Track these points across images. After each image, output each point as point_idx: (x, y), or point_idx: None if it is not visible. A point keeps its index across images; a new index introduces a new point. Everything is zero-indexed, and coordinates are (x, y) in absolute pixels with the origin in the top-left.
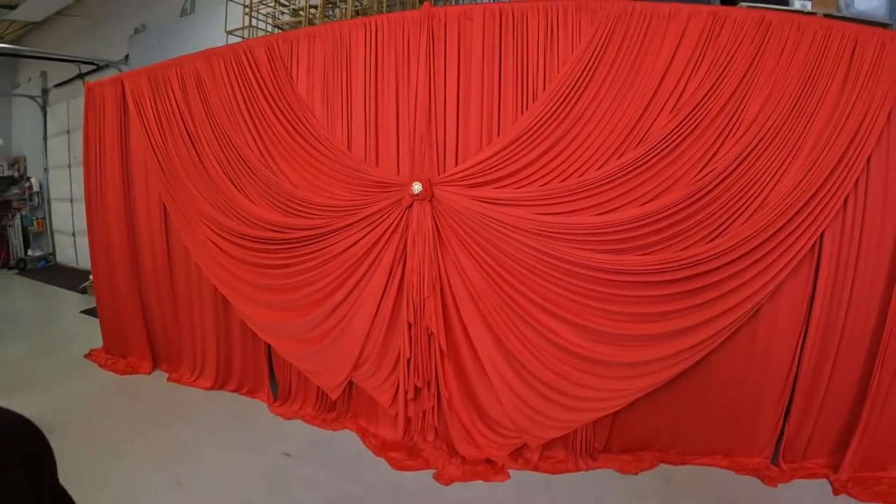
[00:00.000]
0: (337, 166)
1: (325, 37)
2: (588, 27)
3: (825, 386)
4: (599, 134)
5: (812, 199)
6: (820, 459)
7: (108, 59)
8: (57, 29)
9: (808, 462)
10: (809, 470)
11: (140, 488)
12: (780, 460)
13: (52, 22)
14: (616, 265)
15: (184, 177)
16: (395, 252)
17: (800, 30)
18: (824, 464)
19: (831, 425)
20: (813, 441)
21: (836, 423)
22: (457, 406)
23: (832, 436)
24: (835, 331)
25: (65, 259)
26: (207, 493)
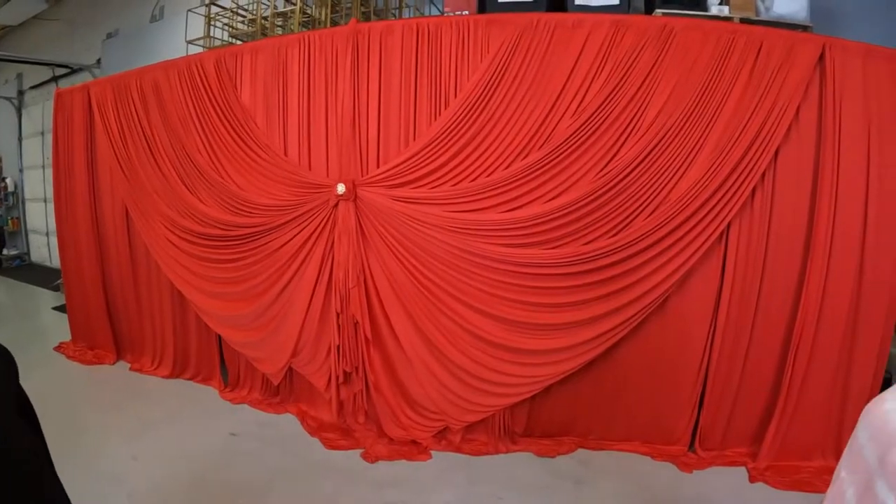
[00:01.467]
0: (275, 169)
1: (266, 51)
2: (496, 38)
3: (739, 375)
4: (506, 136)
5: (716, 193)
6: (740, 448)
7: (81, 63)
8: (35, 32)
9: (728, 450)
10: (729, 458)
11: (100, 461)
12: (698, 447)
13: (29, 25)
14: (523, 258)
15: (143, 180)
16: (324, 248)
17: (704, 34)
18: (745, 452)
19: (749, 414)
20: (731, 429)
21: (754, 411)
22: (384, 390)
23: (751, 424)
24: (746, 320)
25: (39, 258)
26: (161, 465)
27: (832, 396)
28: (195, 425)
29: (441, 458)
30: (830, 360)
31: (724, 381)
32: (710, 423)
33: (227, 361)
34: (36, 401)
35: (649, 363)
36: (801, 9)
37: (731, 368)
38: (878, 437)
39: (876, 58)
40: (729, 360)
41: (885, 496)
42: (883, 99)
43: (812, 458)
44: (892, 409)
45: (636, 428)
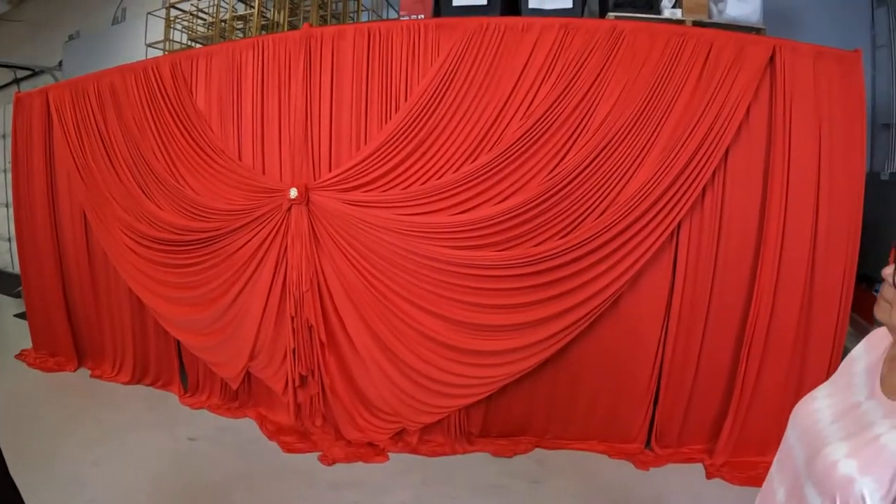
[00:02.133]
0: (230, 174)
1: (221, 55)
2: (446, 42)
3: (693, 372)
4: (456, 140)
5: (665, 194)
6: (697, 445)
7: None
8: None
9: (684, 447)
10: (686, 455)
11: (60, 467)
12: (654, 445)
13: None
14: (473, 260)
15: (101, 185)
16: (278, 252)
17: (653, 37)
18: (701, 449)
19: (704, 412)
20: (687, 427)
21: (708, 409)
22: (340, 393)
23: (706, 422)
24: (698, 319)
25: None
26: (121, 470)
27: (787, 391)
28: (155, 431)
29: (398, 460)
30: (784, 355)
31: (679, 378)
32: (665, 420)
33: (187, 367)
34: None
35: (604, 362)
36: (754, 11)
37: (685, 366)
38: (806, 437)
39: (827, 59)
40: (682, 358)
41: (812, 499)
42: (834, 99)
43: (767, 453)
44: (820, 409)
45: (592, 427)
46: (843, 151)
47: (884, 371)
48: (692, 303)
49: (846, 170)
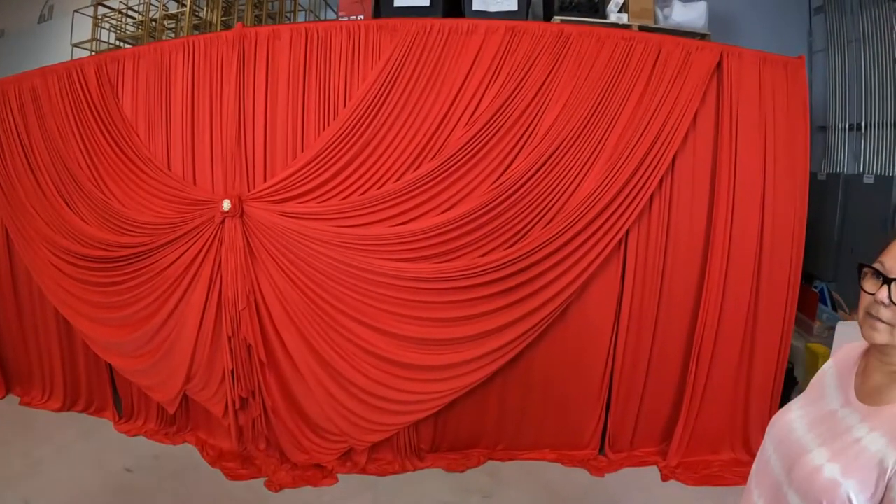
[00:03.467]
0: (158, 185)
1: (148, 56)
2: (388, 44)
3: (644, 376)
4: (397, 147)
5: (613, 202)
6: (650, 448)
7: None
8: None
9: (637, 451)
10: (639, 458)
11: None
12: (608, 450)
13: None
14: (416, 273)
15: (23, 197)
16: (211, 267)
17: (600, 41)
18: (654, 451)
19: (656, 414)
20: (640, 430)
21: (660, 412)
22: (282, 414)
23: (659, 424)
24: (647, 324)
25: None
26: None
27: (736, 390)
28: (89, 461)
29: (347, 481)
30: (733, 356)
31: (630, 383)
32: (618, 425)
33: (120, 391)
34: None
35: (555, 370)
36: (699, 17)
37: (636, 370)
38: (783, 447)
39: (772, 65)
40: (633, 363)
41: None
42: (777, 106)
43: (720, 451)
44: (795, 418)
45: (545, 435)
46: (787, 155)
47: (857, 382)
48: (641, 308)
49: (790, 172)
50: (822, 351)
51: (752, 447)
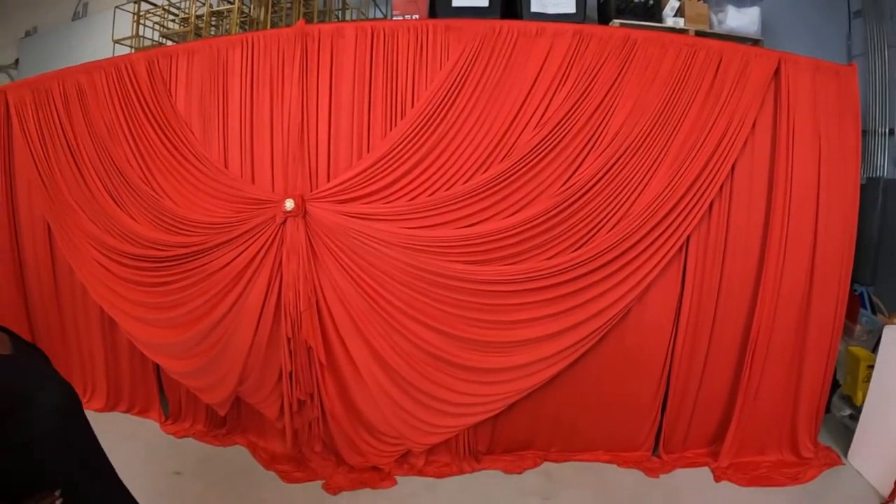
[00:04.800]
0: (214, 183)
1: (203, 52)
2: (456, 45)
3: (699, 379)
4: (466, 149)
5: (676, 207)
6: (701, 449)
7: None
8: None
9: (689, 452)
10: (690, 459)
11: None
12: (661, 452)
13: None
14: (482, 275)
15: (67, 194)
16: (271, 268)
17: (664, 47)
18: (705, 453)
19: (709, 415)
20: (692, 431)
21: (713, 413)
22: (340, 416)
23: (710, 425)
24: (704, 328)
25: None
26: None
27: (786, 393)
28: (134, 465)
29: (405, 483)
30: (784, 359)
31: (685, 385)
32: (672, 426)
33: (168, 392)
34: None
35: (613, 372)
36: (753, 22)
37: (691, 372)
38: None
39: (824, 73)
40: (689, 365)
41: None
42: (830, 113)
43: (767, 452)
44: None
45: (599, 436)
46: (839, 162)
47: None
48: (699, 312)
49: (842, 179)
50: (863, 354)
51: (799, 448)
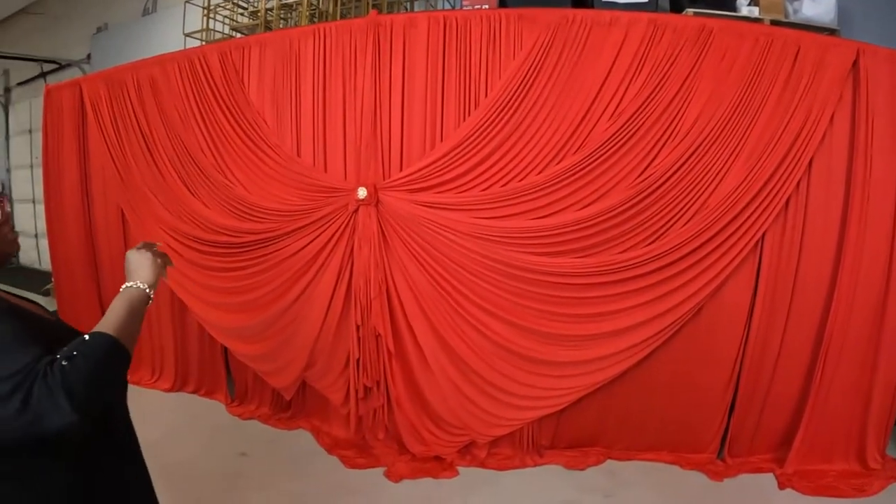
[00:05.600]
0: (286, 172)
1: (275, 44)
2: (529, 35)
3: (768, 382)
4: (540, 139)
5: (753, 202)
6: (766, 454)
7: (69, 59)
8: (19, 27)
9: (754, 457)
10: (755, 464)
11: None
12: (726, 455)
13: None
14: (554, 267)
15: (140, 182)
16: (342, 255)
17: (741, 37)
18: (770, 458)
19: (776, 420)
20: (758, 436)
21: (780, 418)
22: (405, 405)
23: (777, 430)
24: (777, 328)
25: (28, 261)
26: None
27: (857, 401)
28: (200, 445)
29: (467, 474)
30: (856, 365)
31: (755, 387)
32: (739, 430)
33: (235, 374)
34: None
35: (681, 371)
36: (828, 11)
37: (761, 375)
38: None
39: None
40: (759, 367)
41: None
42: None
43: (833, 461)
44: None
45: (665, 437)
46: None
47: None
48: (772, 312)
49: None
50: None
51: (867, 459)
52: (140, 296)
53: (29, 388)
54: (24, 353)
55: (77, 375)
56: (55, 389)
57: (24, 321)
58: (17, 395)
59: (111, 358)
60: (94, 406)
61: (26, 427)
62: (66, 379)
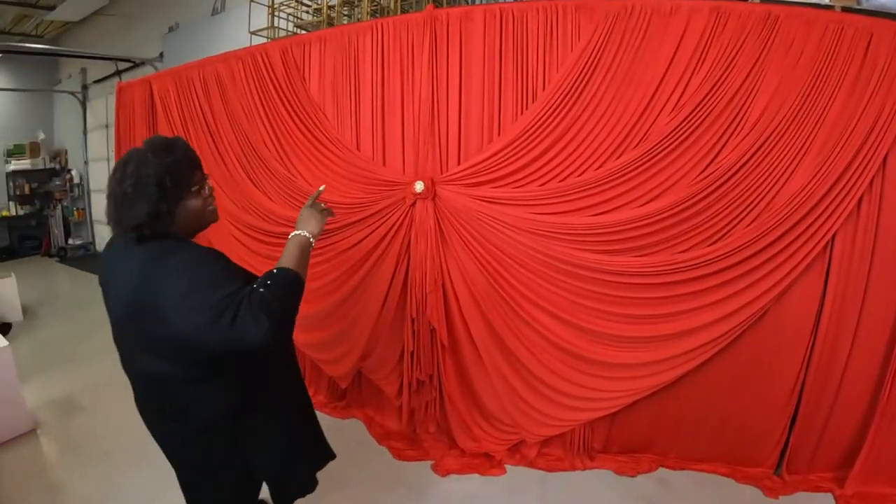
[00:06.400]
0: (346, 165)
1: (335, 40)
2: (587, 26)
3: (833, 396)
4: (598, 134)
5: (822, 201)
6: (826, 473)
7: (143, 57)
8: (94, 27)
9: (813, 475)
10: (814, 483)
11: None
12: (784, 471)
13: (91, 21)
14: (612, 266)
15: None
16: (399, 248)
17: (809, 24)
18: (830, 478)
19: (839, 438)
20: (819, 453)
21: (843, 435)
22: (457, 399)
23: (839, 449)
24: (845, 338)
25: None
26: None
27: None
28: None
29: (514, 473)
30: None
31: (818, 401)
32: (799, 446)
33: None
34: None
35: (741, 380)
36: None
37: (826, 388)
38: None
39: None
40: (824, 380)
41: None
42: None
43: None
44: None
45: (720, 447)
46: None
47: None
48: (840, 320)
49: None
50: None
51: None
52: (306, 242)
53: (237, 308)
54: (233, 282)
55: (273, 299)
56: (256, 310)
57: (229, 261)
58: (227, 314)
59: (295, 286)
60: (285, 323)
61: (233, 340)
62: (264, 301)
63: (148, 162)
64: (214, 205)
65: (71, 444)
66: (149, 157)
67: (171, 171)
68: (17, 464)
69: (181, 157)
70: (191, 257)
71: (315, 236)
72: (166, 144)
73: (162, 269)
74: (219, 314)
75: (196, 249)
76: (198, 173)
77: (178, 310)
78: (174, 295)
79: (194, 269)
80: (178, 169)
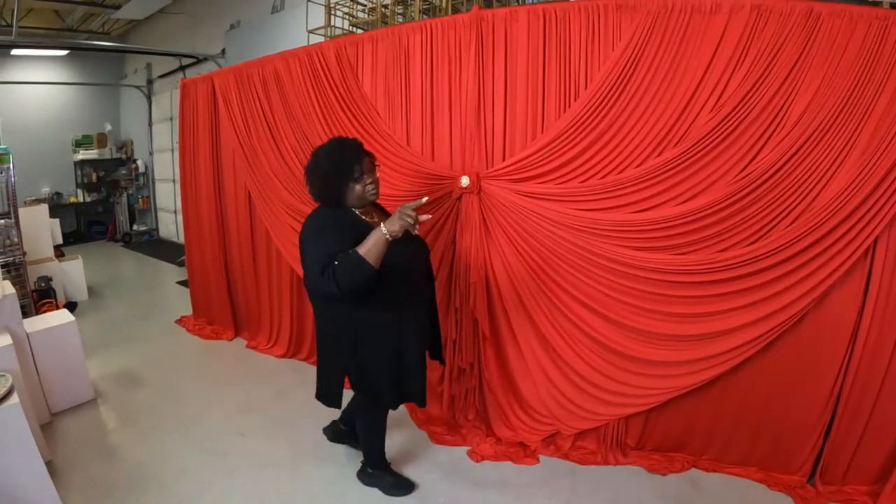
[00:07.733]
0: (397, 159)
1: (386, 39)
2: (628, 25)
3: (871, 406)
4: (639, 132)
5: (864, 203)
6: (861, 486)
7: (206, 54)
8: (160, 25)
9: (847, 486)
10: (848, 495)
11: (208, 434)
12: (817, 480)
13: (154, 19)
14: (651, 263)
15: (266, 166)
16: (445, 240)
17: (853, 21)
18: (865, 491)
19: (876, 449)
20: (855, 464)
21: (881, 447)
22: (496, 388)
23: (876, 461)
24: (886, 345)
25: (166, 234)
26: (265, 444)
27: None
28: (304, 406)
29: (547, 463)
30: None
31: (856, 409)
32: (834, 454)
33: None
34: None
35: (778, 384)
36: None
37: (864, 396)
38: None
39: None
40: (863, 387)
41: None
42: None
43: None
44: None
45: (754, 452)
46: None
47: None
48: (882, 326)
49: None
50: None
51: None
52: (382, 237)
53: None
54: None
55: (341, 273)
56: (329, 278)
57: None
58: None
59: (358, 267)
60: (351, 289)
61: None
62: (336, 273)
63: (324, 157)
64: (377, 190)
65: (128, 413)
66: (322, 153)
67: (336, 165)
68: (78, 429)
69: (348, 155)
70: (323, 222)
71: (392, 234)
72: (340, 143)
73: (309, 222)
74: (320, 267)
75: (333, 217)
76: (356, 168)
77: (303, 252)
78: (303, 241)
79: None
80: (341, 164)
